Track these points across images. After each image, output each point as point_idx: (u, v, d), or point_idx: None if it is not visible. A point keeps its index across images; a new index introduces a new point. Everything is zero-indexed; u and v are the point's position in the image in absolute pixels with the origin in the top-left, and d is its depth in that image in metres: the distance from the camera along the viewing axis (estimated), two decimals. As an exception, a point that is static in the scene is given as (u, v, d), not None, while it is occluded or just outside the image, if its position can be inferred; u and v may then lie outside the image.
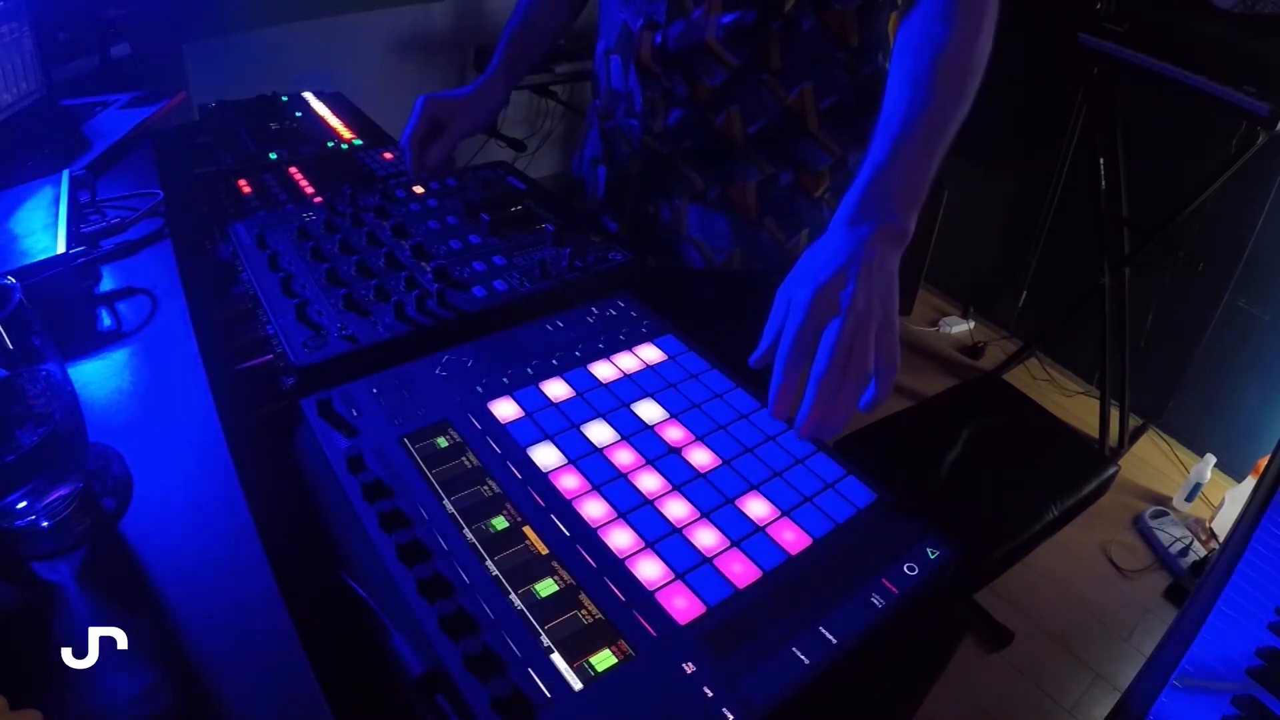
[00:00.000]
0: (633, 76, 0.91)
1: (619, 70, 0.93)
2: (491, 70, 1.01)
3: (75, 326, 0.72)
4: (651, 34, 0.87)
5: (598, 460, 0.56)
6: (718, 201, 0.89)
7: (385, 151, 1.10)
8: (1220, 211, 2.00)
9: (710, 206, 0.90)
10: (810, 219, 0.90)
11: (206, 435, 0.58)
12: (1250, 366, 2.09)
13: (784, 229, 0.89)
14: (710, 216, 0.90)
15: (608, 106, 0.98)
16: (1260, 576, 0.64)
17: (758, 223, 0.89)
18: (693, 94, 0.87)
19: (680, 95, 0.88)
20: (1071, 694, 1.64)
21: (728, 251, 0.90)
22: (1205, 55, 1.69)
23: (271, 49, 2.25)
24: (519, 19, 1.03)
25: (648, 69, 0.89)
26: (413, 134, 0.94)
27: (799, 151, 0.87)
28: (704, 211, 0.91)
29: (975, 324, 2.71)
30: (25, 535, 0.51)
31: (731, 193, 0.89)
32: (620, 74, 0.93)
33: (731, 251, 0.90)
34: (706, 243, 0.91)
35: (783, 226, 0.89)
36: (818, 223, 0.90)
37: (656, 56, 0.87)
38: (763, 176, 0.88)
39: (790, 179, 0.88)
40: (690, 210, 0.91)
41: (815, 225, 0.90)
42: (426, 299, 0.71)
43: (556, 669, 0.42)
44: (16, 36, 1.08)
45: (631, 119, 0.94)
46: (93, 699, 0.42)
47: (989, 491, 1.34)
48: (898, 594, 0.48)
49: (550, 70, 2.56)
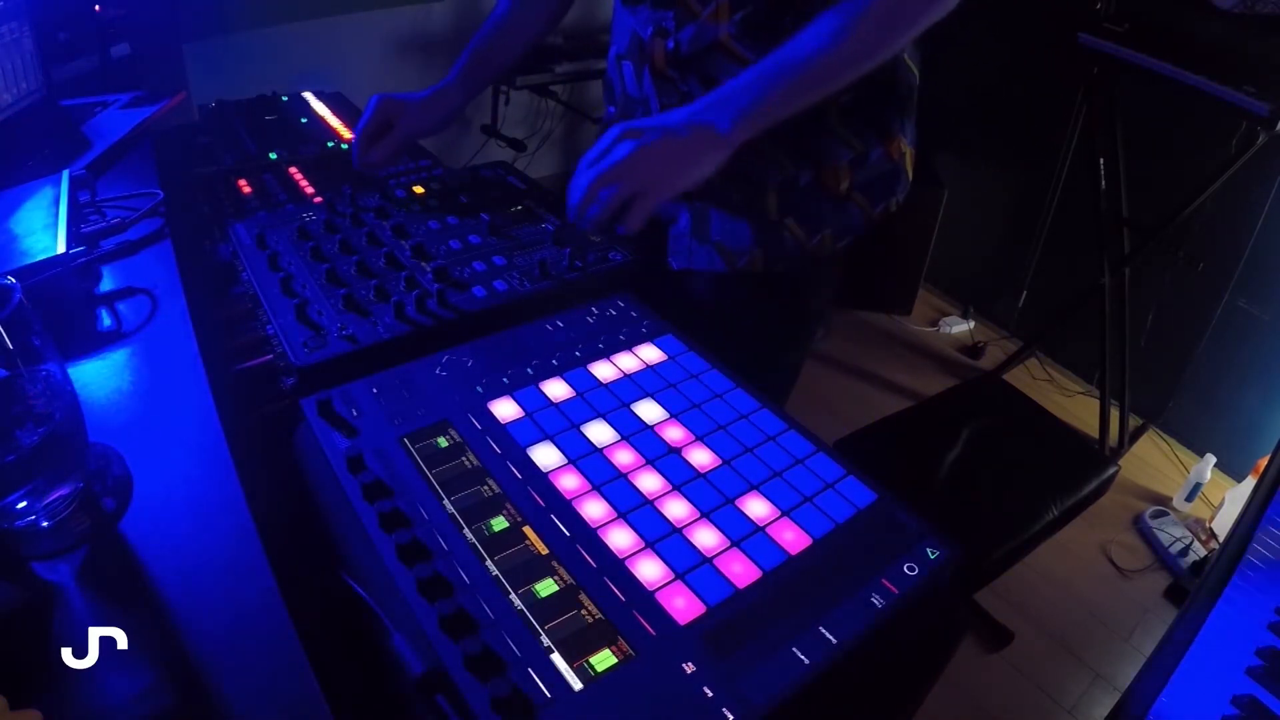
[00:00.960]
0: (647, 82, 0.91)
1: (632, 76, 0.93)
2: (450, 78, 1.01)
3: (75, 326, 0.72)
4: (663, 40, 0.87)
5: (598, 460, 0.56)
6: (739, 204, 0.89)
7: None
8: (1220, 211, 2.00)
9: (732, 209, 0.90)
10: (832, 219, 0.90)
11: (206, 435, 0.58)
12: (1250, 366, 2.09)
13: (805, 229, 0.90)
14: (732, 219, 0.91)
15: (624, 112, 0.98)
16: (1260, 576, 0.64)
17: (779, 223, 0.89)
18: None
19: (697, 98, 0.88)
20: (1071, 694, 1.64)
21: (749, 253, 0.90)
22: (1205, 55, 1.69)
23: (271, 49, 2.25)
24: (485, 32, 1.03)
25: (662, 74, 0.89)
26: (363, 129, 0.96)
27: (819, 147, 0.87)
28: (726, 214, 0.91)
29: (975, 324, 2.71)
30: (25, 535, 0.51)
31: (752, 195, 0.89)
32: (634, 80, 0.93)
33: (753, 253, 0.90)
34: (728, 245, 0.91)
35: (804, 226, 0.90)
36: (840, 221, 0.90)
37: (670, 61, 0.88)
38: (783, 177, 0.88)
39: (810, 178, 0.88)
40: (712, 213, 0.91)
41: (837, 225, 0.90)
42: (426, 299, 0.71)
43: (556, 669, 0.42)
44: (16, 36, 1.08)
45: None
46: (93, 699, 0.42)
47: (989, 491, 1.34)
48: (898, 594, 0.48)
49: (550, 70, 2.56)
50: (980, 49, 2.35)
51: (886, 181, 0.91)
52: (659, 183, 0.73)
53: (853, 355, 2.54)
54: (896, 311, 2.75)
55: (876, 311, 2.75)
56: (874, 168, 0.89)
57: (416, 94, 1.00)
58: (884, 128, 0.89)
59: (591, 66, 2.64)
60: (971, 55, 2.36)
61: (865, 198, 0.90)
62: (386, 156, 0.98)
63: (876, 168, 0.89)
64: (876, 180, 0.90)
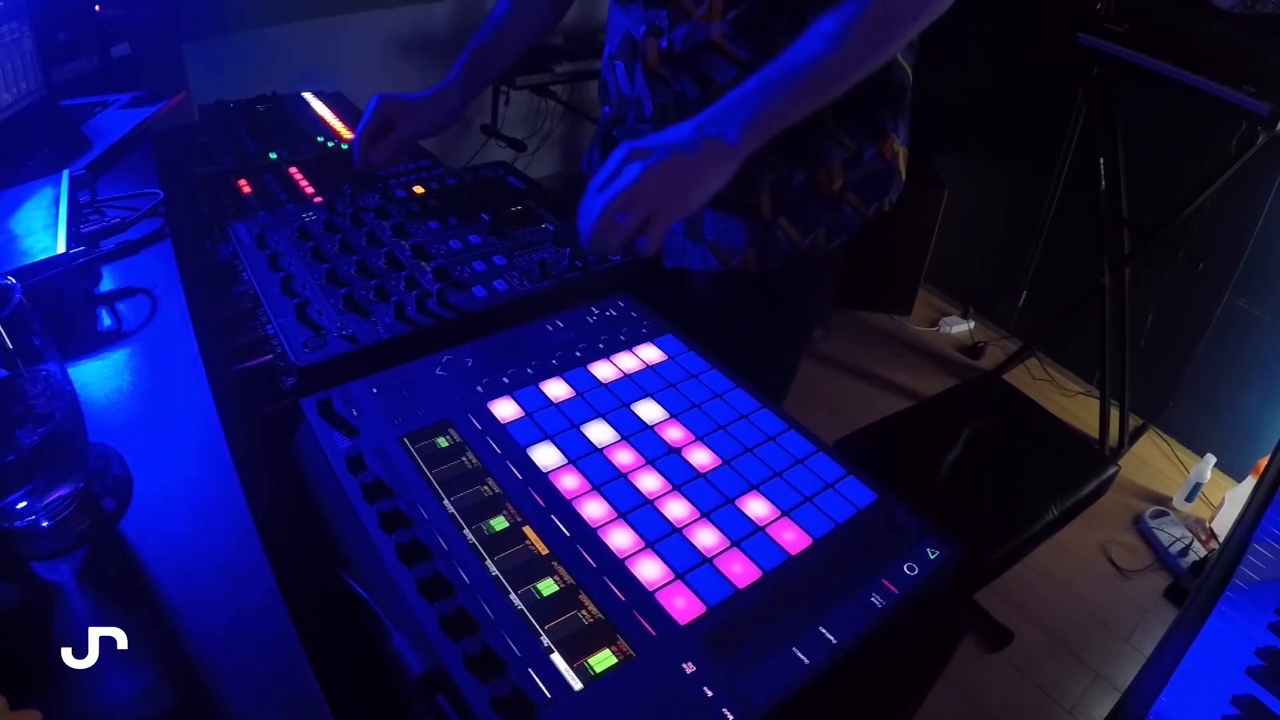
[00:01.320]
0: (639, 82, 0.91)
1: (624, 76, 0.93)
2: (450, 79, 1.02)
3: (75, 326, 0.72)
4: (656, 39, 0.87)
5: (598, 460, 0.56)
6: (733, 204, 0.90)
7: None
8: (1220, 211, 2.00)
9: (725, 209, 0.90)
10: (826, 218, 0.90)
11: (206, 435, 0.58)
12: (1250, 366, 2.09)
13: (799, 228, 0.90)
14: (725, 219, 0.91)
15: (618, 113, 0.98)
16: (1260, 576, 0.64)
17: (773, 223, 0.89)
18: (704, 95, 0.87)
19: (691, 97, 0.88)
20: (1071, 694, 1.64)
21: (743, 253, 0.91)
22: (1205, 55, 1.69)
23: (271, 49, 2.25)
24: (484, 33, 1.03)
25: (655, 73, 0.89)
26: (363, 130, 0.96)
27: (812, 147, 0.88)
28: (719, 214, 0.91)
29: (975, 324, 2.71)
30: (25, 535, 0.51)
31: (746, 195, 0.89)
32: (626, 80, 0.93)
33: (747, 252, 0.90)
34: (722, 244, 0.91)
35: (797, 226, 0.90)
36: (834, 221, 0.90)
37: (664, 60, 0.87)
38: (776, 177, 0.88)
39: (804, 178, 0.88)
40: (706, 213, 0.91)
41: (831, 224, 0.90)
42: (426, 299, 0.71)
43: (556, 669, 0.42)
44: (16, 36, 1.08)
45: (643, 124, 0.94)
46: (93, 699, 0.42)
47: (989, 491, 1.34)
48: (898, 594, 0.48)
49: (550, 70, 2.56)
50: (980, 49, 2.35)
51: (880, 181, 0.91)
52: (672, 204, 0.71)
53: (853, 355, 2.54)
54: (896, 311, 2.75)
55: (876, 311, 2.75)
56: (867, 167, 0.89)
57: (417, 94, 1.00)
58: (877, 127, 0.89)
59: (591, 66, 2.63)
60: (971, 55, 2.36)
61: (858, 197, 0.90)
62: (387, 157, 0.98)
63: (870, 167, 0.90)
64: (870, 180, 0.90)
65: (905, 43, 0.77)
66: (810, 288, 0.98)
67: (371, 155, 0.97)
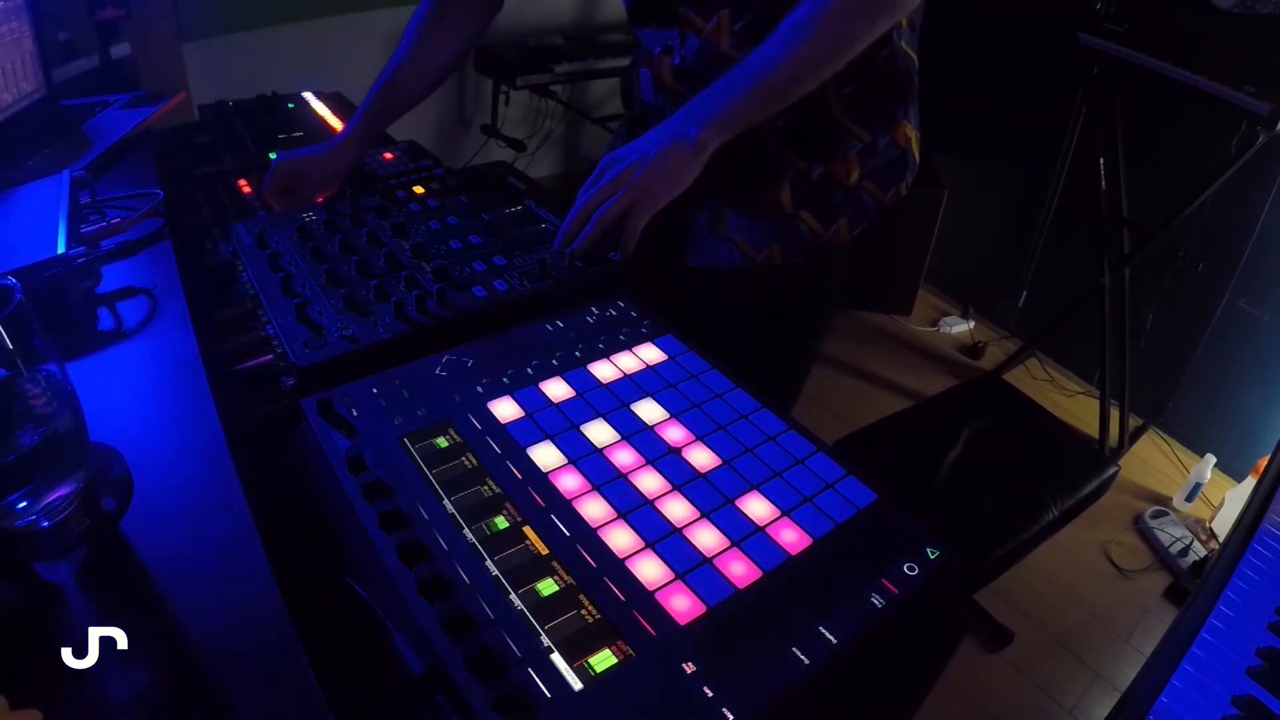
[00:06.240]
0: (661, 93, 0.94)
1: (647, 85, 0.96)
2: (347, 132, 0.99)
3: (75, 326, 0.72)
4: (669, 57, 0.90)
5: (598, 460, 0.56)
6: (754, 201, 0.91)
7: (385, 151, 1.10)
8: (1220, 211, 2.00)
9: (747, 206, 0.92)
10: (846, 208, 0.91)
11: (206, 435, 0.58)
12: (1250, 366, 2.09)
13: (820, 220, 0.91)
14: (747, 216, 0.92)
15: (640, 118, 1.00)
16: (1260, 576, 0.64)
17: (794, 216, 0.91)
18: None
19: None
20: (1071, 694, 1.64)
21: (768, 246, 0.92)
22: (1205, 55, 1.69)
23: (271, 49, 2.25)
24: (383, 80, 1.01)
25: (670, 88, 0.92)
26: (266, 192, 0.94)
27: (827, 141, 0.89)
28: (741, 211, 0.92)
29: (975, 324, 2.71)
30: (25, 535, 0.51)
31: (767, 191, 0.90)
32: (649, 89, 0.96)
33: (771, 247, 0.92)
34: (746, 240, 0.92)
35: (819, 218, 0.91)
36: (854, 210, 0.92)
37: (677, 75, 0.90)
38: (794, 172, 0.89)
39: (821, 171, 0.90)
40: (728, 212, 0.93)
41: (851, 213, 0.92)
42: (426, 299, 0.71)
43: (556, 669, 0.42)
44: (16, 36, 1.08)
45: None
46: (93, 699, 0.42)
47: (989, 491, 1.34)
48: (898, 594, 0.48)
49: (550, 70, 2.56)
50: (980, 49, 2.35)
51: (895, 167, 0.93)
52: (644, 200, 0.77)
53: (853, 355, 2.54)
54: (896, 311, 2.75)
55: (876, 311, 2.75)
56: (882, 155, 0.91)
57: (314, 149, 0.98)
58: (888, 115, 0.90)
59: (591, 66, 2.63)
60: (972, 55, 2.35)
61: (875, 185, 0.92)
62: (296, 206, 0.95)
63: (884, 155, 0.91)
64: (885, 167, 0.92)
65: (865, 42, 0.77)
66: (831, 274, 1.00)
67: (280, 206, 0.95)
